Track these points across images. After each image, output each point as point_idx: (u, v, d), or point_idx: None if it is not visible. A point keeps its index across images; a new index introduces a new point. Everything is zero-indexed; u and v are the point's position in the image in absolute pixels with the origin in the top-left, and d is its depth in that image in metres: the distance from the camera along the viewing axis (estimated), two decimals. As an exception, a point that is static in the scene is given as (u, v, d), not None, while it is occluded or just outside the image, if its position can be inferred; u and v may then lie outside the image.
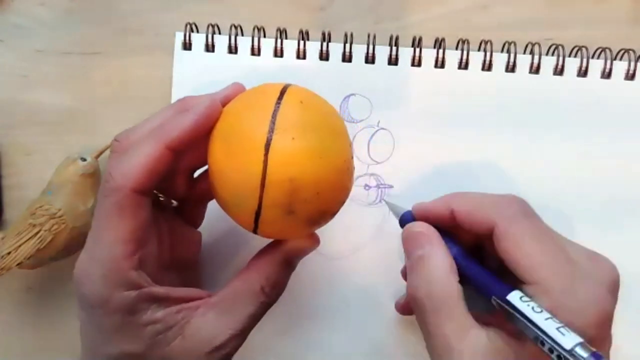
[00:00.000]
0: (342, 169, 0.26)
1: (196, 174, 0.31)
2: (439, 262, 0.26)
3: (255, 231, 0.26)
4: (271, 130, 0.24)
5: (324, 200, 0.25)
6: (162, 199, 0.31)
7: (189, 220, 0.32)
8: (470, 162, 0.36)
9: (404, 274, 0.34)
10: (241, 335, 0.27)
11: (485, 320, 0.25)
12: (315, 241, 0.30)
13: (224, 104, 0.27)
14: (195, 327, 0.26)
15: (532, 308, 0.23)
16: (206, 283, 0.36)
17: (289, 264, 0.29)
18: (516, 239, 0.25)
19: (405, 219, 0.30)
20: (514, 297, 0.24)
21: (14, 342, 0.38)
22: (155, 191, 0.30)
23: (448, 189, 0.29)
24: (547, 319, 0.22)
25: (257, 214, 0.25)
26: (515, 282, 0.25)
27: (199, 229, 0.33)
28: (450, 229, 0.28)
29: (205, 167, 0.30)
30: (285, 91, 0.26)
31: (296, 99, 0.25)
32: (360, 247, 0.36)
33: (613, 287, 0.25)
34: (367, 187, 0.36)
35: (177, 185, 0.30)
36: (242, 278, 0.28)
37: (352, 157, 0.27)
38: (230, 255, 0.36)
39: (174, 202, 0.32)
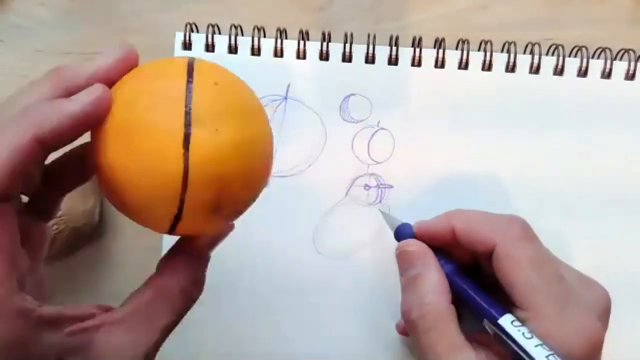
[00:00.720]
0: (267, 152, 0.23)
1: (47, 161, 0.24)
2: (432, 283, 0.26)
3: (169, 233, 0.22)
4: (188, 124, 0.20)
5: (251, 190, 0.23)
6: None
7: (41, 214, 0.26)
8: (470, 162, 0.36)
9: (400, 329, 0.34)
10: (157, 347, 0.23)
11: (478, 339, 0.25)
12: (230, 227, 0.26)
13: (110, 79, 0.22)
14: (102, 349, 0.22)
15: (523, 334, 0.23)
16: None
17: (205, 259, 0.25)
18: (515, 262, 0.25)
19: (400, 233, 0.30)
20: (506, 321, 0.24)
21: (14, 342, 0.38)
22: None
23: (448, 189, 0.29)
24: (536, 345, 0.23)
25: (176, 218, 0.21)
26: (509, 302, 0.25)
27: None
28: (448, 245, 0.28)
29: (64, 153, 0.25)
30: (193, 69, 0.21)
31: (209, 80, 0.21)
32: (360, 248, 0.36)
33: (604, 315, 0.26)
34: (367, 187, 0.36)
35: (30, 178, 0.23)
36: (155, 285, 0.24)
37: (272, 133, 0.24)
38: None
39: (24, 198, 0.25)
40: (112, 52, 0.23)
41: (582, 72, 0.37)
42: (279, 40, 0.37)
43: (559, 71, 0.37)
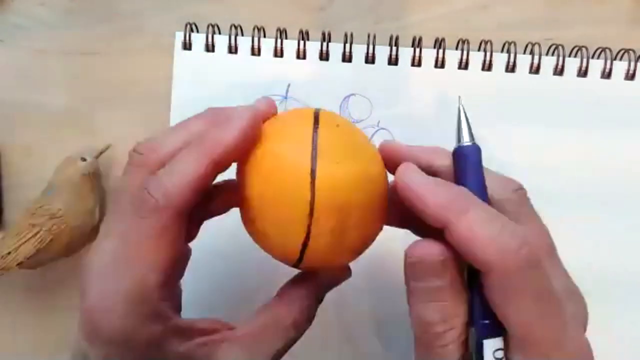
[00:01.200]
0: (382, 192, 0.25)
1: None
2: (458, 300, 0.22)
3: (297, 263, 0.25)
4: (314, 157, 0.23)
5: (370, 225, 0.25)
6: None
7: (186, 235, 0.29)
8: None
9: None
10: None
11: None
12: (349, 272, 0.28)
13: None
14: None
15: None
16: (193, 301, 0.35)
17: (321, 297, 0.27)
18: (514, 296, 0.21)
19: (459, 156, 0.24)
20: (489, 347, 0.22)
21: (14, 342, 0.38)
22: None
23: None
24: None
25: (304, 244, 0.23)
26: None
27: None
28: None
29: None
30: (319, 116, 0.25)
31: (332, 123, 0.25)
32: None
33: (585, 327, 0.23)
34: (367, 187, 0.36)
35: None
36: (271, 312, 0.26)
37: (387, 178, 0.26)
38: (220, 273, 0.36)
39: None
40: (259, 101, 0.27)
41: (582, 72, 0.37)
42: (279, 40, 0.37)
43: (559, 71, 0.37)
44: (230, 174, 0.26)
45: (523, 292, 0.21)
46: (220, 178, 0.25)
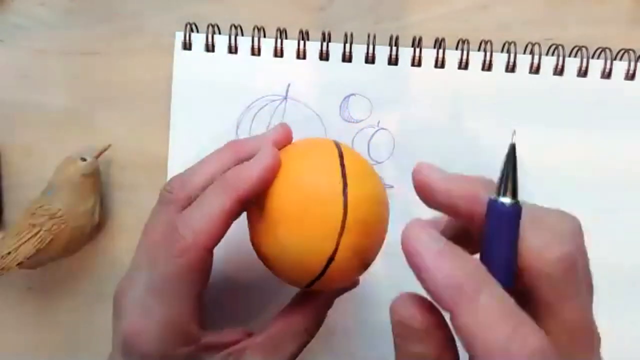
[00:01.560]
0: (387, 211, 0.28)
1: None
2: None
3: (314, 280, 0.26)
4: (344, 175, 0.26)
5: (378, 240, 0.28)
6: None
7: None
8: (469, 162, 0.36)
9: None
10: None
11: None
12: (357, 282, 0.32)
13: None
14: None
15: None
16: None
17: (330, 305, 0.30)
18: None
19: (493, 213, 0.19)
20: None
21: (14, 342, 0.38)
22: None
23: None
24: None
25: (330, 259, 0.26)
26: None
27: None
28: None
29: None
30: (338, 144, 0.28)
31: (350, 151, 0.28)
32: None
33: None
34: (367, 187, 0.36)
35: None
36: (286, 319, 0.29)
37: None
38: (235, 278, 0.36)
39: None
40: (276, 129, 0.29)
41: (582, 72, 0.37)
42: (279, 40, 0.37)
43: (559, 71, 0.37)
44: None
45: None
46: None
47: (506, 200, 0.19)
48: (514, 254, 0.19)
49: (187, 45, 0.37)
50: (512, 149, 0.20)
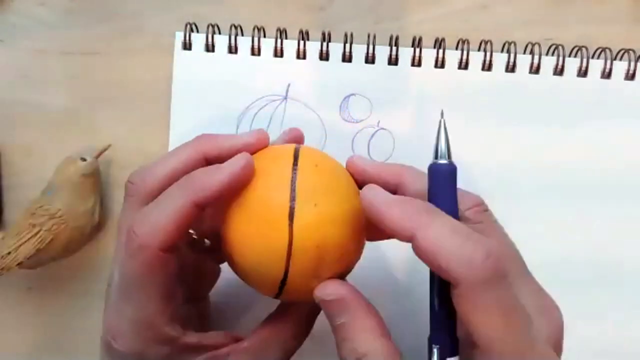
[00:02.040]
0: (359, 227, 0.25)
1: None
2: (364, 332, 0.23)
3: (276, 297, 0.26)
4: (292, 199, 0.23)
5: (347, 260, 0.25)
6: (194, 237, 0.31)
7: (216, 256, 0.31)
8: (470, 162, 0.36)
9: None
10: None
11: None
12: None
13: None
14: None
15: None
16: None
17: (318, 312, 0.28)
18: (481, 308, 0.21)
19: (433, 173, 0.25)
20: None
21: (14, 342, 0.38)
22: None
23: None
24: None
25: (282, 282, 0.24)
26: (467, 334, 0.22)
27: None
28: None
29: None
30: (298, 155, 0.25)
31: (311, 163, 0.25)
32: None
33: (559, 343, 0.24)
34: (367, 187, 0.36)
35: (208, 224, 0.29)
36: (271, 326, 0.28)
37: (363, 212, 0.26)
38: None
39: (207, 242, 0.31)
40: (251, 134, 0.27)
41: (582, 72, 0.37)
42: (279, 40, 0.37)
43: (559, 71, 0.37)
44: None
45: (489, 305, 0.21)
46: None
47: (443, 161, 0.24)
48: (454, 199, 0.24)
49: (187, 45, 0.37)
50: (443, 124, 0.25)
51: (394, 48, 0.37)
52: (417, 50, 0.37)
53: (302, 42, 0.37)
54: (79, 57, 0.38)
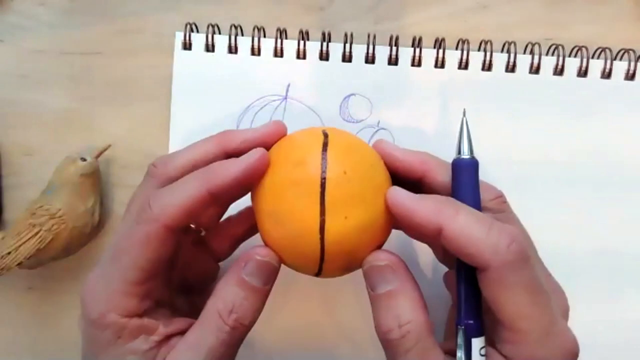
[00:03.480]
0: (385, 225, 0.26)
1: (237, 214, 0.32)
2: (410, 299, 0.24)
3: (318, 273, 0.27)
4: (323, 212, 0.24)
5: (369, 251, 0.26)
6: (192, 225, 0.31)
7: (212, 252, 0.32)
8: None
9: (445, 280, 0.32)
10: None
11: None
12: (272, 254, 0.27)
13: (265, 144, 0.27)
14: None
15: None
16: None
17: (249, 285, 0.25)
18: (509, 288, 0.23)
19: (456, 168, 0.27)
20: (476, 345, 0.24)
21: (15, 342, 0.38)
22: None
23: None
24: None
25: (317, 274, 0.26)
26: (494, 317, 0.24)
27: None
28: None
29: (246, 206, 0.32)
30: (327, 152, 0.25)
31: (340, 169, 0.24)
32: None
33: (567, 316, 0.26)
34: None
35: (208, 216, 0.30)
36: (205, 306, 0.26)
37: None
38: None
39: (202, 232, 0.32)
40: (268, 125, 0.28)
41: (582, 72, 0.37)
42: (279, 40, 0.37)
43: (559, 71, 0.37)
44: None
45: (517, 285, 0.23)
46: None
47: (466, 156, 0.26)
48: (477, 191, 0.26)
49: (187, 45, 0.37)
50: (465, 122, 0.27)
51: (394, 48, 0.37)
52: (417, 50, 0.37)
53: (302, 42, 0.37)
54: (79, 57, 0.38)
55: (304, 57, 0.37)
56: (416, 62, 0.37)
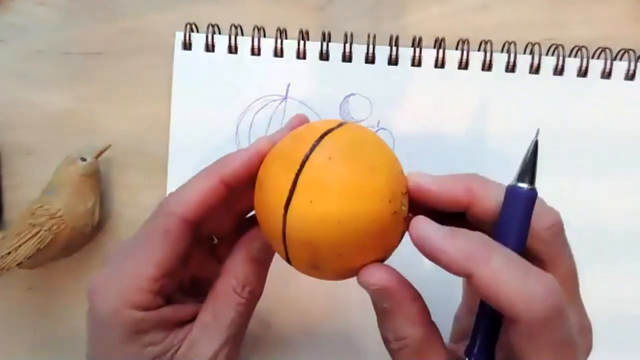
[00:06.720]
0: (370, 231, 0.23)
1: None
2: (406, 317, 0.23)
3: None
4: (292, 190, 0.23)
5: (349, 259, 0.24)
6: (213, 237, 0.31)
7: (219, 260, 0.31)
8: (470, 162, 0.36)
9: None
10: (228, 343, 0.26)
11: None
12: None
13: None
14: (187, 347, 0.26)
15: None
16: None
17: (256, 259, 0.28)
18: (537, 344, 0.21)
19: (510, 199, 0.23)
20: None
21: (15, 342, 0.38)
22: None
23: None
24: None
25: (288, 261, 0.25)
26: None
27: None
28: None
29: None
30: (322, 140, 0.23)
31: (325, 154, 0.23)
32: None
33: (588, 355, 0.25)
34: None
35: (223, 224, 0.30)
36: (216, 284, 0.27)
37: (403, 193, 0.24)
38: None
39: (215, 239, 0.32)
40: (290, 121, 0.29)
41: (582, 72, 0.37)
42: (279, 40, 0.37)
43: (559, 71, 0.37)
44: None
45: (546, 342, 0.21)
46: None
47: (524, 185, 0.23)
48: (525, 229, 0.23)
49: (187, 45, 0.37)
50: (535, 145, 0.23)
51: (394, 48, 0.37)
52: (417, 50, 0.37)
53: (302, 42, 0.37)
54: (79, 57, 0.38)
55: (304, 57, 0.37)
56: (416, 62, 0.37)
